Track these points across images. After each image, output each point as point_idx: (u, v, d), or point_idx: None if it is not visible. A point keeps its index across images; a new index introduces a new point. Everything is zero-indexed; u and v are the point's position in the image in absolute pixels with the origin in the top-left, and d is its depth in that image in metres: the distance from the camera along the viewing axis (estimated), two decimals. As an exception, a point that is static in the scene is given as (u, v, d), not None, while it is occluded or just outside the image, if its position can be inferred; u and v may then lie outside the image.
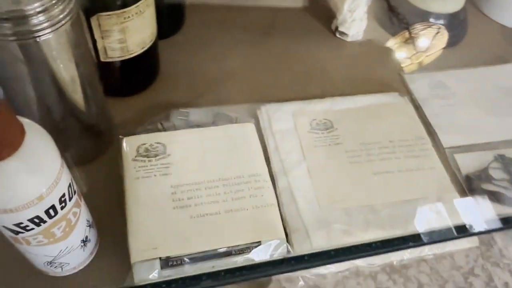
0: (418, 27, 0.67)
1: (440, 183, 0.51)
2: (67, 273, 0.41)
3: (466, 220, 0.48)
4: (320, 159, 0.51)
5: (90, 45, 0.42)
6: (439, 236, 0.45)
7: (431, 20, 0.67)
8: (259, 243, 0.40)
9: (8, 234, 0.34)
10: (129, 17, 0.46)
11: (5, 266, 0.42)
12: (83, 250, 0.40)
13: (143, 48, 0.51)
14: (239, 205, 0.42)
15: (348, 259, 0.44)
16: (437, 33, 0.68)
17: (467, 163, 0.54)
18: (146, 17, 0.48)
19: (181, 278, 0.37)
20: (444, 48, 0.68)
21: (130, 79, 0.55)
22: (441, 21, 0.68)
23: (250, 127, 0.50)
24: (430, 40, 0.68)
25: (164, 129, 0.49)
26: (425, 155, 0.53)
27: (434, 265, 0.49)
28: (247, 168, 0.45)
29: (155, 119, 0.51)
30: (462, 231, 0.47)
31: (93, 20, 0.45)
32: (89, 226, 0.40)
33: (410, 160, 0.52)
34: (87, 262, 0.42)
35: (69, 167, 0.37)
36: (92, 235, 0.41)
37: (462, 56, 0.68)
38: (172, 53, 0.61)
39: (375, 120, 0.56)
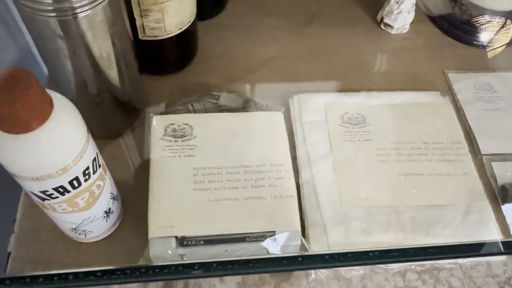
0: (481, 19, 0.63)
1: (472, 191, 0.49)
2: (91, 240, 0.43)
3: (493, 234, 0.46)
4: (347, 154, 0.50)
5: (127, 23, 0.43)
6: (460, 251, 0.43)
7: (486, 17, 0.63)
8: (273, 232, 0.40)
9: (36, 199, 0.36)
10: (168, -3, 0.47)
11: (38, 230, 0.45)
12: (106, 221, 0.42)
13: (180, 29, 0.51)
14: (258, 193, 0.42)
15: (364, 264, 0.43)
16: (502, 27, 0.64)
17: (505, 173, 0.51)
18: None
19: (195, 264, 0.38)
20: (503, 45, 0.64)
21: (167, 59, 0.56)
22: (497, 19, 0.64)
23: (279, 116, 0.49)
24: (494, 34, 0.65)
25: (195, 111, 0.50)
26: (459, 160, 0.51)
27: (468, 270, 0.47)
28: (271, 157, 0.45)
29: (187, 100, 0.51)
30: (490, 247, 0.45)
31: (133, -2, 0.46)
32: (113, 198, 0.42)
33: (442, 164, 0.50)
34: (109, 232, 0.44)
35: (99, 139, 0.38)
36: (115, 207, 0.43)
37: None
38: (212, 35, 0.62)
39: (410, 119, 0.54)
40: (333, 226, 0.45)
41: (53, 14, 0.36)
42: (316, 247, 0.44)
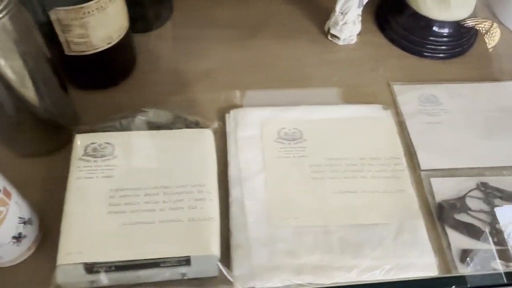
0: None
1: (406, 209, 0.47)
2: (4, 265, 0.42)
3: (424, 255, 0.44)
4: (280, 171, 0.49)
5: (40, 39, 0.42)
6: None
7: (435, 28, 0.62)
8: (188, 257, 0.39)
9: None
10: (89, 12, 0.45)
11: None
12: (17, 246, 0.40)
13: (109, 43, 0.50)
14: (175, 216, 0.41)
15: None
16: (451, 37, 0.63)
17: (444, 189, 0.50)
18: (109, 13, 0.47)
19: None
20: (448, 57, 0.63)
21: (99, 74, 0.54)
22: (446, 30, 0.62)
23: (207, 133, 0.48)
24: (442, 45, 0.63)
25: (123, 128, 0.48)
26: (396, 177, 0.49)
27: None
28: (193, 177, 0.44)
29: (116, 117, 0.50)
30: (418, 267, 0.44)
31: (52, 14, 0.45)
32: (24, 223, 0.40)
33: (378, 181, 0.49)
34: (24, 257, 0.42)
35: (25, 158, 0.36)
36: (28, 231, 0.41)
37: (465, 68, 0.62)
38: (153, 48, 0.60)
39: (349, 133, 0.53)
40: (258, 247, 0.43)
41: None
42: (239, 271, 0.42)
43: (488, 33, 0.62)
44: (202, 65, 0.59)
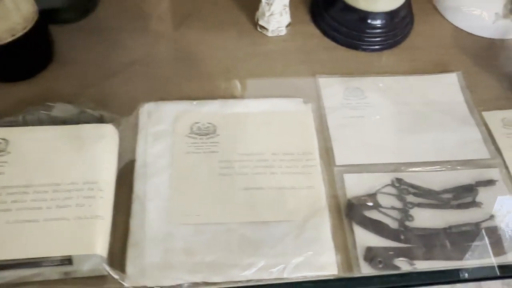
0: (358, 21, 0.60)
1: (313, 206, 0.46)
2: None
3: (325, 253, 0.43)
4: (187, 167, 0.48)
5: None
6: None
7: (366, 20, 0.60)
8: (70, 257, 0.38)
9: None
10: (-18, 4, 0.44)
11: None
12: None
13: (13, 35, 0.49)
14: (61, 214, 0.40)
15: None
16: (377, 29, 0.61)
17: (357, 185, 0.49)
18: (7, 4, 0.46)
19: None
20: (381, 49, 0.62)
21: (9, 66, 0.53)
22: (377, 21, 0.61)
23: (108, 129, 0.47)
24: (369, 36, 0.62)
25: (26, 123, 0.47)
26: (306, 173, 0.48)
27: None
28: (86, 174, 0.43)
29: (21, 111, 0.49)
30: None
31: None
32: None
33: (287, 177, 0.48)
34: None
35: None
36: None
37: (398, 60, 0.61)
38: (74, 39, 0.59)
39: (264, 128, 0.51)
40: (153, 246, 0.43)
41: None
42: (131, 270, 0.41)
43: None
44: (125, 57, 0.58)
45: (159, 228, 0.44)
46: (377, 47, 0.62)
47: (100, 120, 0.48)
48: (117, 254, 0.43)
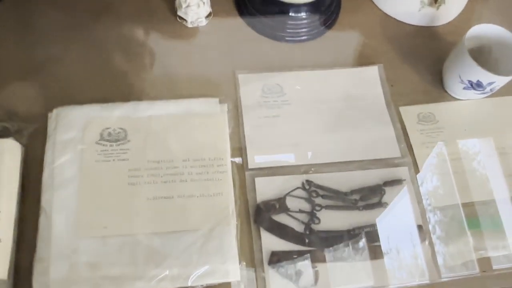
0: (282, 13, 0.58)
1: (220, 214, 0.47)
2: None
3: (228, 261, 0.45)
4: (95, 177, 0.48)
5: None
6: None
7: (288, 10, 0.59)
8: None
9: None
10: None
11: None
12: None
13: None
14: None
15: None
16: (306, 20, 0.59)
17: (268, 189, 0.50)
18: None
19: None
20: (305, 40, 0.60)
21: None
22: (302, 12, 0.59)
23: (7, 144, 0.45)
24: (297, 28, 0.60)
25: None
26: (216, 179, 0.49)
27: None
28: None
29: None
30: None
31: None
32: None
33: (197, 185, 0.48)
34: None
35: None
36: None
37: (322, 53, 0.60)
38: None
39: (176, 132, 0.51)
40: (58, 261, 0.43)
41: None
42: (37, 287, 0.42)
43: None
44: (33, 57, 0.55)
45: (65, 242, 0.44)
46: (301, 38, 0.60)
47: (4, 132, 0.46)
48: (26, 270, 0.43)
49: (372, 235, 0.49)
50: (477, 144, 0.55)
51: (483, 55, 0.56)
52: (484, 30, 0.55)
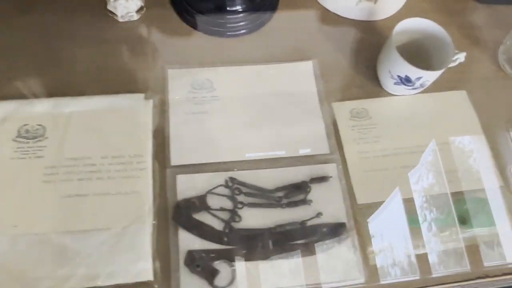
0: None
1: (136, 212, 0.46)
2: None
3: (140, 259, 0.44)
4: (9, 175, 0.46)
5: None
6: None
7: (226, 7, 0.57)
8: None
9: None
10: None
11: None
12: None
13: None
14: None
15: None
16: (236, 14, 0.58)
17: (190, 187, 0.49)
18: None
19: None
20: (236, 35, 0.59)
21: None
22: (237, 5, 0.58)
23: None
24: (231, 21, 0.59)
25: None
26: (135, 176, 0.48)
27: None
28: None
29: None
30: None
31: None
32: None
33: (114, 182, 0.47)
34: None
35: None
36: None
37: (257, 47, 0.59)
38: None
39: (97, 129, 0.50)
40: (-38, 262, 0.42)
41: None
42: None
43: None
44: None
45: (-30, 242, 0.43)
46: (236, 32, 0.59)
47: None
48: None
49: (294, 233, 0.48)
50: (409, 140, 0.54)
51: (416, 49, 0.55)
52: (415, 24, 0.54)
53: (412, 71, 0.50)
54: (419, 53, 0.55)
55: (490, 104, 0.58)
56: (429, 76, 0.51)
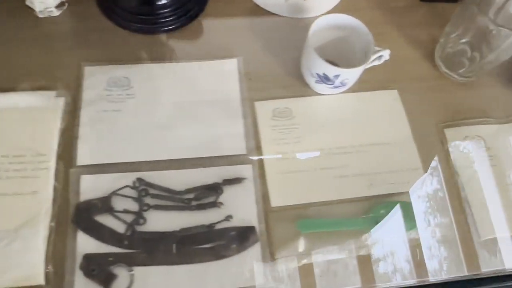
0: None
1: (32, 213, 0.44)
2: None
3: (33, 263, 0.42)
4: None
5: None
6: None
7: (151, 3, 0.56)
8: None
9: None
10: None
11: None
12: None
13: None
14: None
15: None
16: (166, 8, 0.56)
17: (95, 188, 0.47)
18: None
19: None
20: (160, 32, 0.57)
21: None
22: (163, 1, 0.56)
23: None
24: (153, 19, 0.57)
25: None
26: (35, 176, 0.46)
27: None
28: None
29: None
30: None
31: None
32: None
33: (12, 182, 0.45)
34: None
35: None
36: None
37: (182, 44, 0.57)
38: None
39: (2, 127, 0.48)
40: None
41: None
42: None
43: None
44: None
45: None
46: (160, 29, 0.57)
47: None
48: None
49: (200, 237, 0.46)
50: (333, 141, 0.52)
51: (343, 47, 0.53)
52: (338, 20, 0.52)
53: (329, 69, 0.49)
54: (345, 51, 0.53)
55: (422, 104, 0.56)
56: (347, 74, 0.49)
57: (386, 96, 0.56)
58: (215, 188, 0.48)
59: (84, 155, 0.48)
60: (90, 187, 0.47)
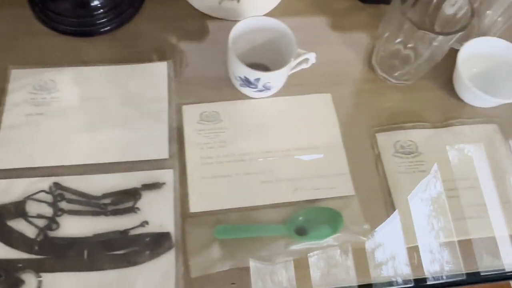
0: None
1: None
2: None
3: None
4: None
5: None
6: None
7: (82, 5, 0.55)
8: None
9: None
10: None
11: None
12: None
13: None
14: None
15: None
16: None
17: (11, 192, 0.46)
18: None
19: None
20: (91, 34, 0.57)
21: None
22: (96, 2, 0.56)
23: None
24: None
25: None
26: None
27: None
28: None
29: None
30: None
31: None
32: None
33: None
34: None
35: None
36: None
37: (114, 46, 0.56)
38: None
39: None
40: None
41: None
42: None
43: None
44: None
45: None
46: (92, 31, 0.57)
47: None
48: None
49: (114, 243, 0.45)
50: (259, 145, 0.51)
51: (275, 49, 0.52)
52: (264, 23, 0.51)
53: (249, 73, 0.48)
54: (274, 54, 0.52)
55: (355, 108, 0.55)
56: (268, 78, 0.48)
57: (318, 100, 0.55)
58: (133, 193, 0.48)
59: (0, 160, 0.48)
60: (4, 192, 0.46)
